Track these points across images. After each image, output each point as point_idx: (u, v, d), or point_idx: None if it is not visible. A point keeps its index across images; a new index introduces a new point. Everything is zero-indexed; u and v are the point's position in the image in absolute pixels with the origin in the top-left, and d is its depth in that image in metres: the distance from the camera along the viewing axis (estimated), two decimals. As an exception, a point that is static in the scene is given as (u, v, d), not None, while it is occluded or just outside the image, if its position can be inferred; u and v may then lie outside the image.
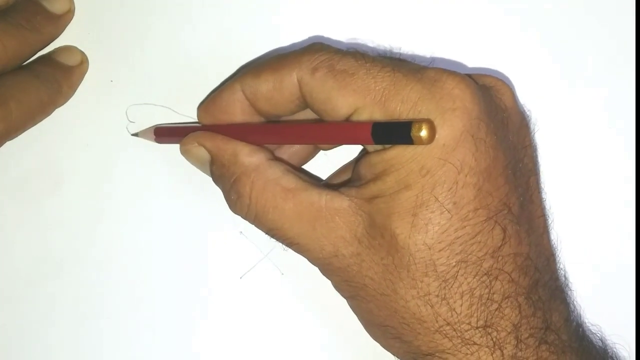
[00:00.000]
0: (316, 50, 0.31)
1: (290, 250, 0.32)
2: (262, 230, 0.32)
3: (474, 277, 0.28)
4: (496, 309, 0.28)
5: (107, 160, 0.37)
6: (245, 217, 0.32)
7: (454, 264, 0.28)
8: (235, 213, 0.32)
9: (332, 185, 0.31)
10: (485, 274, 0.28)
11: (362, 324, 0.32)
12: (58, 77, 0.36)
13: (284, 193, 0.30)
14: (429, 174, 0.28)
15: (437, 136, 0.27)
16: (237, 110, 0.33)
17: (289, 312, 0.36)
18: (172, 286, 0.36)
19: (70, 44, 0.37)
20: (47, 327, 0.36)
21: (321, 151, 0.36)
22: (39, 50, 0.37)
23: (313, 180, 0.31)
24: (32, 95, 0.35)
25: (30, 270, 0.37)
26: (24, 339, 0.36)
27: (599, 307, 0.34)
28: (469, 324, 0.28)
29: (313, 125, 0.31)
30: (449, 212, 0.28)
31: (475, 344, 0.28)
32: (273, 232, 0.31)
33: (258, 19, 0.37)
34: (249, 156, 0.32)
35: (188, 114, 0.37)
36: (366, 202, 0.29)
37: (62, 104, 0.37)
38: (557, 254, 0.32)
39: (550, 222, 0.32)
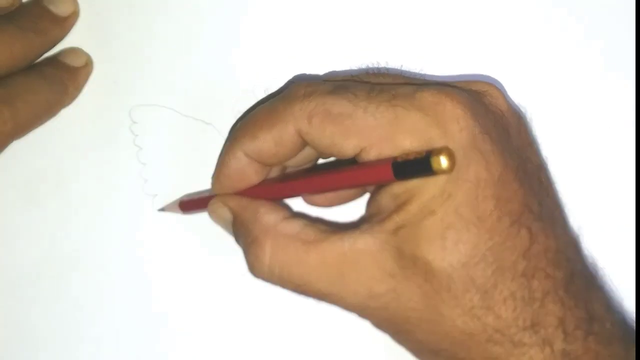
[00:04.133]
0: (306, 95, 0.30)
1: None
2: (289, 289, 0.31)
3: (512, 281, 0.28)
4: (539, 307, 0.28)
5: (110, 161, 0.37)
6: (266, 279, 0.31)
7: (490, 274, 0.28)
8: (256, 276, 0.31)
9: (351, 227, 0.30)
10: (522, 275, 0.28)
11: (413, 354, 0.31)
12: (64, 78, 0.36)
13: (305, 246, 0.30)
14: (450, 196, 0.28)
15: None
16: (251, 174, 0.32)
17: (289, 311, 0.36)
18: (173, 285, 0.37)
19: (75, 45, 0.38)
20: (49, 327, 0.37)
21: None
22: (45, 52, 0.37)
23: (333, 228, 0.30)
24: (39, 96, 0.35)
25: (33, 270, 0.37)
26: (26, 339, 0.37)
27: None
28: (517, 326, 0.28)
29: (333, 173, 0.30)
30: (475, 227, 0.28)
31: (525, 344, 0.28)
32: (301, 288, 0.30)
33: (260, 19, 0.37)
34: (267, 214, 0.31)
35: (191, 115, 0.37)
36: (391, 235, 0.29)
37: (68, 105, 0.37)
38: (581, 241, 0.32)
39: (567, 211, 0.32)
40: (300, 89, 0.31)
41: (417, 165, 0.27)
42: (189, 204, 0.36)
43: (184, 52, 0.38)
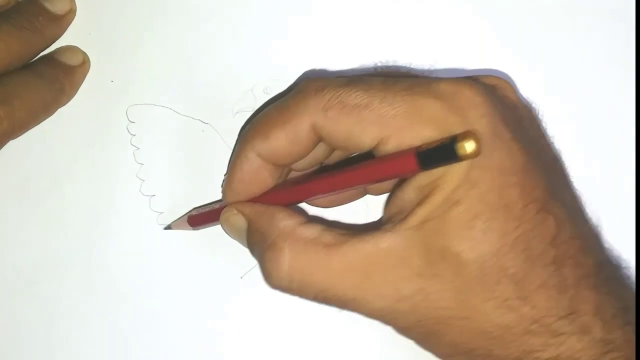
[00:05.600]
0: (319, 89, 0.29)
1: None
2: (308, 298, 0.29)
3: (543, 269, 0.27)
4: (574, 294, 0.28)
5: (107, 160, 0.37)
6: (285, 287, 0.29)
7: (521, 263, 0.27)
8: (273, 284, 0.29)
9: (372, 227, 0.29)
10: (552, 263, 0.28)
11: (443, 358, 0.30)
12: (61, 76, 0.36)
13: (327, 249, 0.28)
14: (475, 184, 0.27)
15: None
16: (265, 176, 0.31)
17: (290, 311, 0.36)
18: (172, 286, 0.37)
19: (72, 44, 0.37)
20: (47, 327, 0.36)
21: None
22: (42, 51, 0.37)
23: (352, 232, 0.29)
24: (35, 95, 0.35)
25: (30, 270, 0.37)
26: (24, 339, 0.36)
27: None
28: (554, 315, 0.27)
29: (356, 170, 0.29)
30: (502, 215, 0.27)
31: (563, 333, 0.27)
32: (323, 293, 0.29)
33: (260, 18, 0.37)
34: (284, 219, 0.30)
35: (188, 114, 0.37)
36: (416, 231, 0.28)
37: (65, 104, 0.37)
38: (601, 234, 0.32)
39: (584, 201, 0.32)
40: (312, 83, 0.30)
41: (441, 153, 0.26)
42: (198, 219, 0.35)
43: (182, 51, 0.38)
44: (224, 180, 0.33)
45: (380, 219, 0.32)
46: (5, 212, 0.37)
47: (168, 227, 0.37)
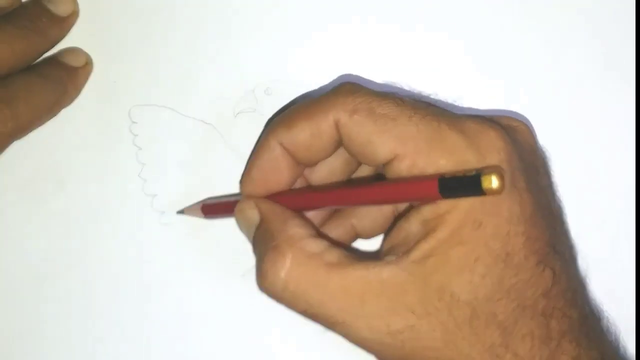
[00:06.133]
0: (352, 91, 0.29)
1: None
2: (297, 311, 0.29)
3: (531, 319, 0.28)
4: (556, 346, 0.28)
5: (110, 160, 0.37)
6: (277, 293, 0.29)
7: (511, 310, 0.27)
8: (265, 286, 0.29)
9: (377, 255, 0.30)
10: (542, 314, 0.28)
11: None
12: (64, 78, 0.36)
13: (328, 268, 0.28)
14: (481, 227, 0.27)
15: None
16: (284, 166, 0.31)
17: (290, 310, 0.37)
18: (174, 284, 0.37)
19: (75, 45, 0.38)
20: (50, 326, 0.37)
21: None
22: (45, 52, 0.37)
23: (359, 256, 0.29)
24: (39, 96, 0.35)
25: (34, 269, 0.37)
26: (28, 338, 0.37)
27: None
28: None
29: (372, 187, 0.30)
30: (503, 262, 0.27)
31: None
32: (312, 309, 0.28)
33: (261, 19, 0.38)
34: (296, 227, 0.30)
35: (190, 115, 0.37)
36: (418, 265, 0.27)
37: (68, 105, 0.37)
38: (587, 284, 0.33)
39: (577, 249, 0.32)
40: (347, 85, 0.30)
41: (465, 184, 0.25)
42: (213, 208, 0.35)
43: (184, 52, 0.38)
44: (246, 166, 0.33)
45: (381, 247, 0.31)
46: (9, 212, 0.37)
47: (181, 212, 0.37)
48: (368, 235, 0.34)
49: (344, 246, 0.32)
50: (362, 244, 0.36)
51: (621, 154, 0.37)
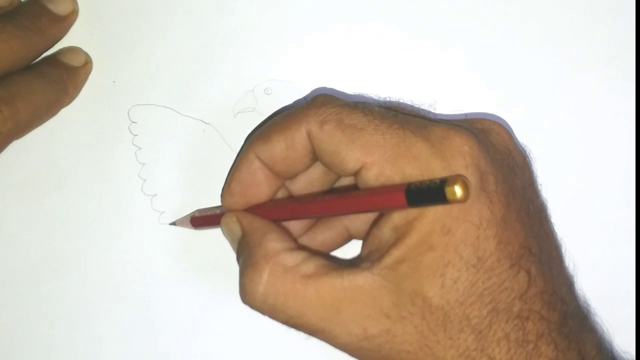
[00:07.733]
0: (324, 103, 0.30)
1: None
2: (279, 321, 0.30)
3: (506, 323, 0.28)
4: (533, 349, 0.28)
5: (109, 160, 0.37)
6: (258, 306, 0.30)
7: (485, 314, 0.28)
8: (246, 301, 0.30)
9: (353, 263, 0.30)
10: (517, 317, 0.28)
11: None
12: (63, 77, 0.36)
13: (305, 279, 0.29)
14: (450, 232, 0.28)
15: None
16: (262, 179, 0.32)
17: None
18: (174, 284, 0.37)
19: (75, 44, 0.38)
20: (49, 326, 0.37)
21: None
22: (45, 52, 0.37)
23: (336, 264, 0.30)
24: (39, 95, 0.35)
25: (33, 269, 0.37)
26: (26, 338, 0.37)
27: (599, 309, 0.34)
28: None
29: (342, 197, 0.30)
30: (474, 267, 0.28)
31: None
32: (293, 320, 0.29)
33: (261, 19, 0.38)
34: (273, 241, 0.30)
35: (189, 114, 0.37)
36: (390, 271, 0.28)
37: (68, 104, 0.37)
38: (574, 280, 0.33)
39: (564, 249, 0.32)
40: (319, 98, 0.31)
41: (430, 193, 0.26)
42: (201, 220, 0.36)
43: (183, 51, 0.38)
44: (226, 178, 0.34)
45: (360, 253, 0.32)
46: (8, 212, 0.37)
47: (173, 224, 0.37)
48: (361, 236, 0.34)
49: (325, 255, 0.33)
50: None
51: (621, 153, 0.37)
